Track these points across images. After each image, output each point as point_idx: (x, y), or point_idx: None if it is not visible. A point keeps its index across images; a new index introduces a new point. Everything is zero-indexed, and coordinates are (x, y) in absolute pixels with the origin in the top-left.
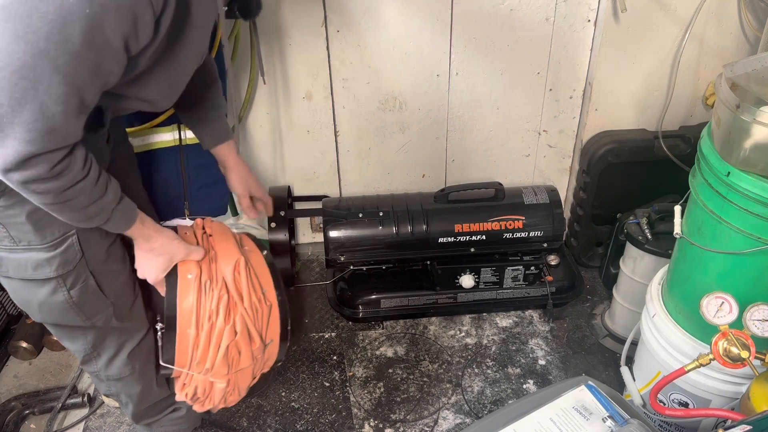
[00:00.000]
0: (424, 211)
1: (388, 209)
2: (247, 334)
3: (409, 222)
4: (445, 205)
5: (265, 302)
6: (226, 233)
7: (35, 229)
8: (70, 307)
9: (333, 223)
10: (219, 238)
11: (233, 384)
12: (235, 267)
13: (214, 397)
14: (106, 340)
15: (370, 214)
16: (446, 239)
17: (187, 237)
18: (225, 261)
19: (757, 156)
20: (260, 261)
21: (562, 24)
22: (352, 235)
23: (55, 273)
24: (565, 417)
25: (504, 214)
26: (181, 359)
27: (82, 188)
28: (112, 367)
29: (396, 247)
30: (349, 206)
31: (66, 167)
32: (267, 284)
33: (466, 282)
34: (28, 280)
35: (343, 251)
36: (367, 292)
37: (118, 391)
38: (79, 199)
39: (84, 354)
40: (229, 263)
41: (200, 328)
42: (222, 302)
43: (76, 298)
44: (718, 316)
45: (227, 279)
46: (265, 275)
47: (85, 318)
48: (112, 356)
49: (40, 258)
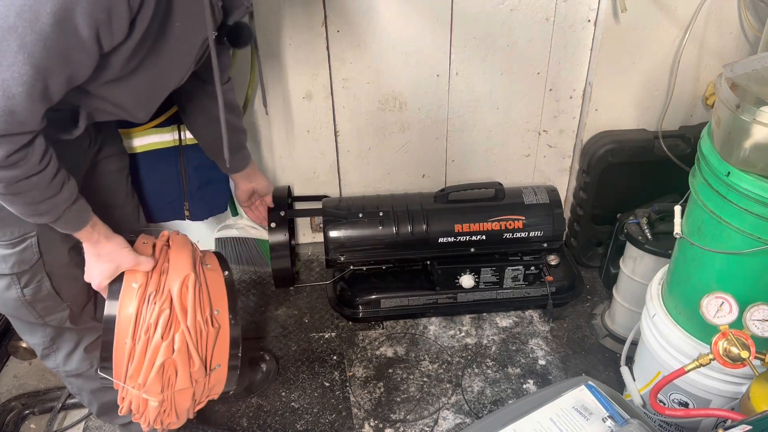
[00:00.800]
0: (424, 211)
1: (388, 209)
2: (186, 353)
3: (409, 222)
4: (445, 205)
5: (213, 324)
6: (185, 248)
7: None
8: (22, 304)
9: (333, 223)
10: (176, 251)
11: (169, 404)
12: (183, 282)
13: (149, 416)
14: (64, 335)
15: (370, 214)
16: (446, 239)
17: (143, 247)
18: (175, 274)
19: (757, 156)
20: (219, 281)
21: (562, 24)
22: (352, 235)
23: (9, 270)
24: (565, 417)
25: (504, 214)
26: (117, 370)
27: (36, 182)
28: (71, 362)
29: (396, 247)
30: (349, 206)
31: (22, 158)
32: (221, 306)
33: (466, 282)
34: None
35: (343, 251)
36: (367, 292)
37: (80, 388)
38: (31, 193)
39: (42, 348)
40: (178, 277)
41: (137, 339)
42: (162, 316)
43: (29, 297)
44: (718, 316)
45: (173, 293)
46: (221, 296)
47: (38, 317)
48: (70, 351)
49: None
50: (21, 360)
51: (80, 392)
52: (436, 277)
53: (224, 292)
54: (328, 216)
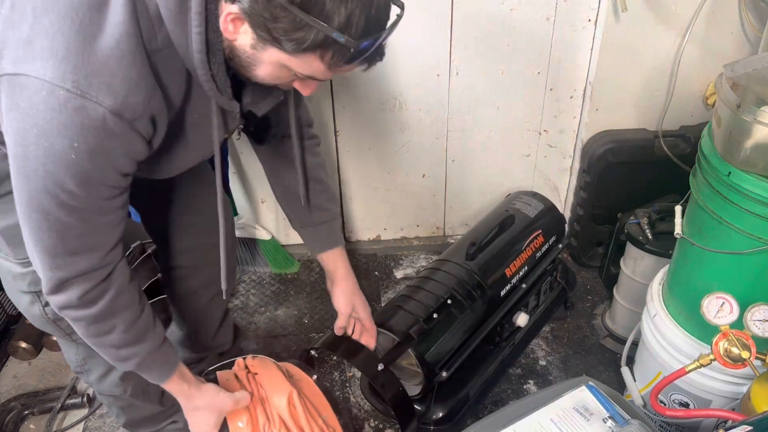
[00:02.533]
0: (470, 273)
1: (445, 293)
2: None
3: (473, 289)
4: (483, 257)
5: (327, 429)
6: (270, 368)
7: (9, 244)
8: (46, 321)
9: (420, 342)
10: (265, 374)
11: None
12: (288, 401)
13: None
14: (96, 358)
15: (441, 307)
16: (505, 289)
17: (229, 384)
18: (277, 397)
19: (758, 156)
20: (312, 388)
21: (563, 23)
22: (443, 340)
23: (28, 288)
24: (565, 417)
25: (528, 237)
26: None
27: (114, 325)
28: (104, 384)
29: (476, 326)
30: (414, 313)
31: (99, 295)
32: (325, 410)
33: (521, 321)
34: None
35: (442, 363)
36: (454, 391)
37: (111, 403)
38: (110, 336)
39: (75, 365)
40: (282, 398)
41: None
42: None
43: (51, 315)
44: (719, 316)
45: (284, 416)
46: (320, 401)
47: (64, 334)
48: (102, 374)
49: (15, 271)
50: (20, 360)
51: (110, 406)
52: (499, 332)
53: (321, 396)
54: (411, 338)
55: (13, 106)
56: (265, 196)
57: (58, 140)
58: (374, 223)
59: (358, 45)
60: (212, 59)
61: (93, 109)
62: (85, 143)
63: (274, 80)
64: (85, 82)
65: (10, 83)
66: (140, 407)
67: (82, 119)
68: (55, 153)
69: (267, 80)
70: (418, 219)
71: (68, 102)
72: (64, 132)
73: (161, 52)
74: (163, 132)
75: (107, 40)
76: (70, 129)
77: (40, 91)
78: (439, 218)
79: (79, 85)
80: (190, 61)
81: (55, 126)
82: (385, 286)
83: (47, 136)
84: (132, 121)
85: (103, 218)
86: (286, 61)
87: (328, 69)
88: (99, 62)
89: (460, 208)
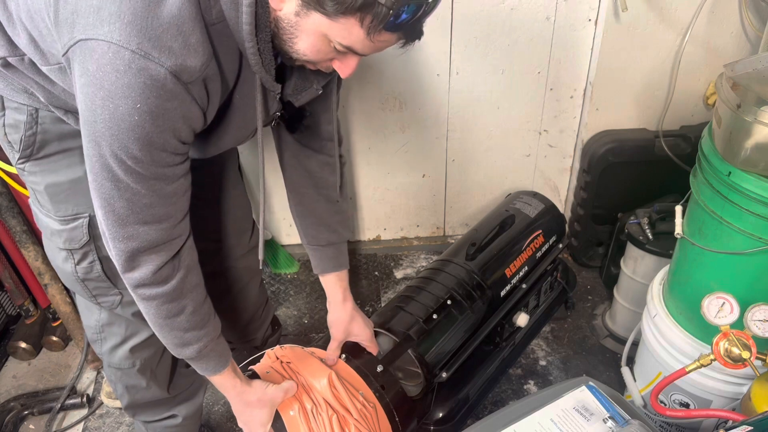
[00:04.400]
0: (470, 273)
1: (445, 293)
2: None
3: (473, 290)
4: (482, 257)
5: (368, 405)
6: (302, 354)
7: (51, 201)
8: (75, 280)
9: (420, 344)
10: (299, 362)
11: None
12: (329, 383)
13: None
14: (114, 327)
15: (441, 308)
16: (505, 289)
17: (269, 376)
18: (317, 381)
19: (758, 156)
20: (344, 367)
21: (563, 23)
22: (442, 339)
23: (63, 246)
24: (565, 417)
25: (527, 237)
26: None
27: (185, 305)
28: (114, 355)
29: (476, 326)
30: (414, 314)
31: (171, 273)
32: (360, 386)
33: (521, 321)
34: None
35: (441, 364)
36: (454, 393)
37: (117, 379)
38: (179, 318)
39: (92, 332)
40: (323, 381)
41: None
42: (334, 422)
43: (81, 275)
44: (719, 316)
45: (328, 398)
46: (355, 378)
47: (90, 296)
48: (115, 345)
49: (54, 227)
50: (20, 360)
51: (115, 383)
52: (499, 332)
53: (355, 373)
54: (411, 339)
55: (84, 71)
56: (265, 197)
57: (122, 101)
58: (374, 223)
59: (399, 9)
60: (260, 35)
61: (155, 70)
62: (146, 104)
63: (315, 55)
64: (149, 44)
65: (82, 48)
66: (145, 389)
67: (144, 80)
68: (120, 115)
69: (308, 55)
70: (418, 219)
71: (132, 62)
72: (127, 92)
73: (216, 26)
74: (216, 105)
75: (170, 7)
76: (134, 90)
77: (107, 53)
78: (439, 218)
79: (143, 46)
80: (240, 35)
81: (119, 87)
82: (385, 286)
83: (112, 98)
84: (188, 84)
85: (168, 187)
86: (327, 28)
87: (366, 36)
88: (162, 27)
89: (460, 208)
